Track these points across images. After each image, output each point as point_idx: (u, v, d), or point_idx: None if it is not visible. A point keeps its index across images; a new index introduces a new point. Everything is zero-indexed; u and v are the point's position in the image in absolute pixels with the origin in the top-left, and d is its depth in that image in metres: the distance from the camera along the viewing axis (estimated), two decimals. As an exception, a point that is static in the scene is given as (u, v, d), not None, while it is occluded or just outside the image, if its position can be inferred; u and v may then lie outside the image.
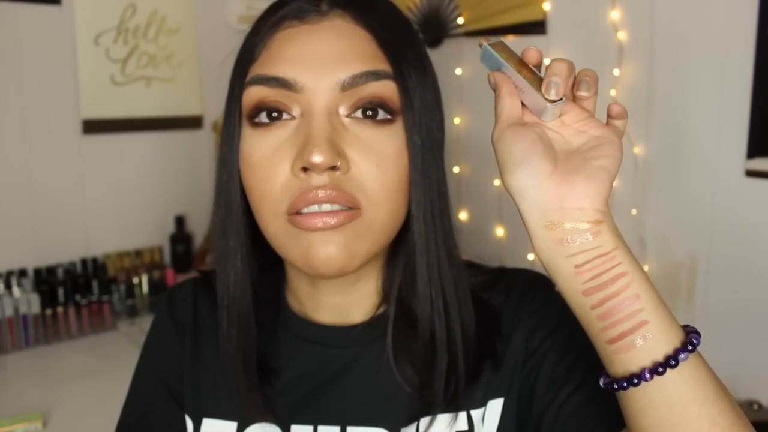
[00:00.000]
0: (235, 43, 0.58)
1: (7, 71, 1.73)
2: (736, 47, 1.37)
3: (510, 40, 1.83)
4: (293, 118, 0.53)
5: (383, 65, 0.53)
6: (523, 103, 0.49)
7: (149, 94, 1.99)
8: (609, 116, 0.48)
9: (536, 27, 1.74)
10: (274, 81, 0.52)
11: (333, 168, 0.51)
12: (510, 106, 0.48)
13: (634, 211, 1.59)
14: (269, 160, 0.53)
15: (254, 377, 0.59)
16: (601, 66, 1.61)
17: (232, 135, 0.56)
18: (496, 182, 1.90)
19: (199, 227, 2.12)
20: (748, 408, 1.34)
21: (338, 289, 0.60)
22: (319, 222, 0.51)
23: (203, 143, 2.11)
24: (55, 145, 1.83)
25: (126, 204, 1.98)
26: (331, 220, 0.51)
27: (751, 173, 1.37)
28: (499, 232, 1.90)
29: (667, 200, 1.55)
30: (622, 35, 1.57)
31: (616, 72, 1.58)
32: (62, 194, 1.85)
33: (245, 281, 0.59)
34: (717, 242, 1.45)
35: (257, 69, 0.54)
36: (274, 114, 0.53)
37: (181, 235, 2.04)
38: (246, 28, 0.58)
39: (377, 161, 0.52)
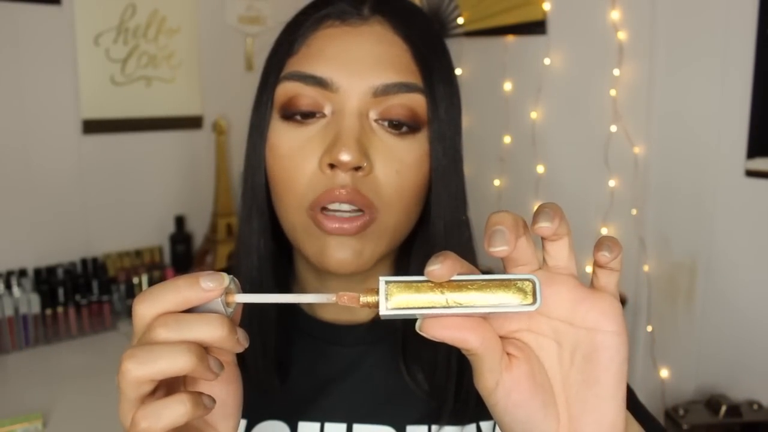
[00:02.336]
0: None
1: (7, 71, 1.73)
2: (736, 47, 1.37)
3: (510, 40, 1.83)
4: (324, 115, 0.54)
5: (415, 78, 0.55)
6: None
7: (149, 94, 1.99)
8: (596, 264, 0.37)
9: (536, 27, 1.74)
10: (311, 79, 0.54)
11: (358, 168, 0.52)
12: (489, 365, 0.36)
13: (634, 211, 1.59)
14: (297, 153, 0.54)
15: (271, 361, 0.60)
16: (601, 66, 1.61)
17: (262, 124, 0.57)
18: (497, 182, 1.90)
19: (199, 227, 2.12)
20: (748, 408, 1.34)
21: (346, 286, 0.61)
22: (337, 226, 0.52)
23: (203, 143, 2.11)
24: (55, 145, 1.83)
25: (126, 204, 1.98)
26: (349, 227, 0.52)
27: (751, 173, 1.37)
28: (499, 232, 1.89)
29: (667, 200, 1.54)
30: (622, 35, 1.57)
31: (616, 72, 1.58)
32: (62, 194, 1.85)
33: (267, 265, 0.60)
34: (717, 242, 1.45)
35: (295, 64, 0.55)
36: (308, 114, 0.54)
37: (181, 235, 2.04)
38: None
39: (397, 167, 0.54)
